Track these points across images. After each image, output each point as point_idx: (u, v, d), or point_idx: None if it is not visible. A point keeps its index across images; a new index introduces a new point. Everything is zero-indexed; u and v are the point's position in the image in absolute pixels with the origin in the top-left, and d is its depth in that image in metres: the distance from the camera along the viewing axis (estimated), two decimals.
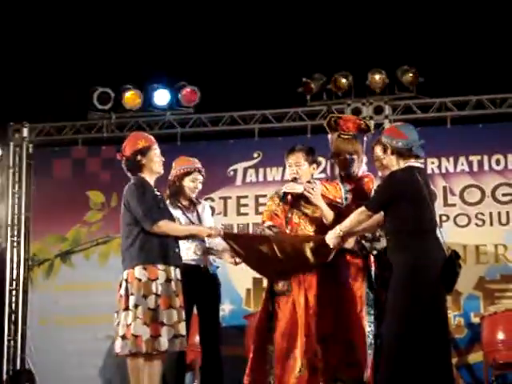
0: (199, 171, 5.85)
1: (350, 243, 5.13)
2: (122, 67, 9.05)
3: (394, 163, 4.84)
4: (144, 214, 4.94)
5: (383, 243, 5.10)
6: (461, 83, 8.63)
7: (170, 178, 5.84)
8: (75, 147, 9.32)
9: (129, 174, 5.14)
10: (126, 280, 4.94)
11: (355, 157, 5.33)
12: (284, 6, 9.20)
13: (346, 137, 5.34)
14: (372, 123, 5.37)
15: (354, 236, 5.12)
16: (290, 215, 5.29)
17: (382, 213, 4.85)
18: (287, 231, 5.28)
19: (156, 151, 5.14)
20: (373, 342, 5.12)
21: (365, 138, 5.41)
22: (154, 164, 5.11)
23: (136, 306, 4.85)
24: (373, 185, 5.33)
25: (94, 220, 9.06)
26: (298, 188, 5.22)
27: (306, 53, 8.96)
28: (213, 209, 7.67)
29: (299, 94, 8.86)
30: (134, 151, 5.08)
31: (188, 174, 5.81)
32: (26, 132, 9.41)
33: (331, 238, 4.99)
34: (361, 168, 5.41)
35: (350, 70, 8.73)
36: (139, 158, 5.08)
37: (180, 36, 9.33)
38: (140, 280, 4.89)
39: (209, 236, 5.31)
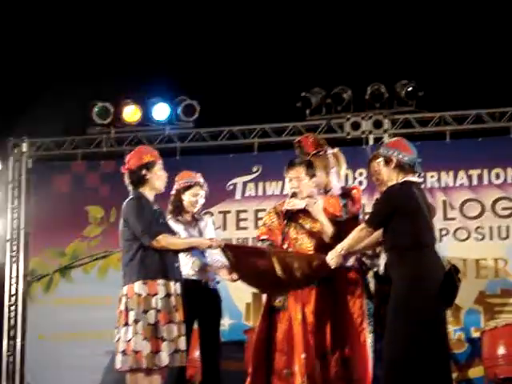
0: (200, 185, 5.83)
1: (351, 261, 5.11)
2: (122, 82, 9.07)
3: (393, 177, 4.83)
4: (143, 230, 4.93)
5: (383, 259, 5.09)
6: (460, 97, 8.65)
7: (171, 192, 5.82)
8: (74, 162, 9.32)
9: (129, 188, 5.13)
10: (126, 295, 4.93)
11: (322, 172, 5.32)
12: (283, 21, 9.22)
13: (318, 155, 5.36)
14: (371, 136, 5.37)
15: (356, 254, 5.10)
16: (286, 230, 5.26)
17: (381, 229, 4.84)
18: (284, 246, 5.26)
19: (160, 167, 5.14)
20: (372, 355, 5.11)
21: (329, 151, 5.40)
22: (158, 180, 5.11)
23: (136, 322, 4.84)
24: (359, 195, 5.33)
25: (93, 235, 9.05)
26: (299, 204, 5.20)
27: (305, 67, 8.98)
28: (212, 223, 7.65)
29: (298, 109, 8.87)
30: (139, 165, 5.07)
31: (189, 188, 5.80)
32: (25, 147, 9.42)
33: (332, 257, 4.97)
34: (333, 182, 5.38)
35: (349, 84, 8.75)
36: (144, 172, 5.07)
37: (179, 50, 9.34)
38: (140, 295, 4.88)
39: (209, 247, 5.27)
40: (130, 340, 4.83)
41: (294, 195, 5.24)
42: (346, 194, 5.34)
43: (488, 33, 8.75)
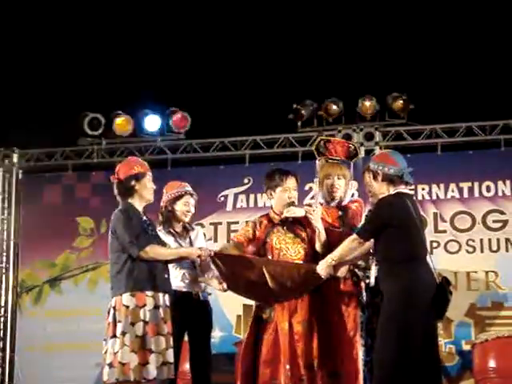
0: (191, 194, 5.83)
1: (343, 272, 5.09)
2: (113, 93, 9.06)
3: (384, 190, 4.83)
4: (130, 241, 4.90)
5: (374, 271, 5.07)
6: (451, 110, 8.68)
7: (161, 203, 5.81)
8: (65, 173, 9.30)
9: (118, 198, 5.11)
10: (114, 307, 4.90)
11: (343, 181, 5.31)
12: (275, 33, 9.25)
13: (335, 161, 5.33)
14: (362, 148, 5.39)
15: (346, 265, 5.08)
16: (268, 240, 5.24)
17: (372, 240, 4.83)
18: (269, 256, 5.22)
19: (150, 178, 5.13)
20: (363, 368, 5.09)
21: (351, 165, 5.40)
22: (147, 191, 5.09)
23: (123, 334, 4.81)
24: (362, 209, 5.31)
25: (83, 246, 9.02)
26: (298, 211, 5.19)
27: (296, 79, 8.99)
28: (203, 235, 7.63)
29: (290, 121, 8.88)
30: (128, 176, 5.06)
31: (180, 197, 5.78)
32: (15, 158, 9.39)
33: (323, 267, 4.96)
34: (348, 194, 5.39)
35: (341, 96, 8.77)
36: (133, 183, 5.06)
37: (171, 62, 9.35)
38: (128, 307, 4.85)
39: (199, 257, 5.25)
40: (117, 352, 4.80)
41: (292, 204, 5.21)
42: (344, 206, 5.32)
43: (479, 47, 8.79)
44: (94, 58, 9.23)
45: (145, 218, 5.08)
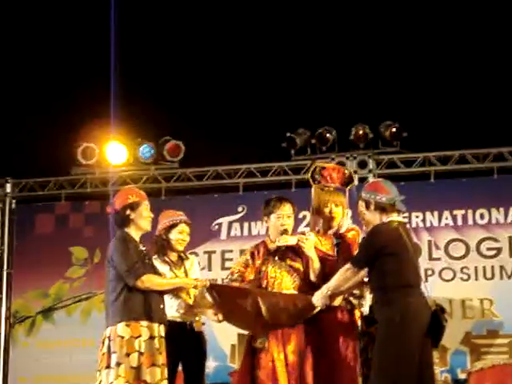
0: (186, 223, 5.81)
1: (338, 301, 5.06)
2: (106, 122, 9.06)
3: (376, 218, 4.82)
4: (127, 270, 4.88)
5: (369, 299, 5.05)
6: (444, 138, 8.71)
7: (156, 233, 5.79)
8: (58, 203, 9.28)
9: (116, 229, 5.09)
10: (109, 337, 4.85)
11: (341, 208, 5.29)
12: (268, 62, 9.29)
13: (330, 189, 5.31)
14: (356, 176, 5.38)
15: (342, 295, 5.05)
16: (264, 269, 5.21)
17: (366, 269, 4.81)
18: (263, 285, 5.20)
19: (146, 207, 5.11)
20: None
21: (347, 192, 5.38)
22: (143, 220, 5.07)
23: (118, 365, 4.76)
24: (359, 238, 5.28)
25: (76, 276, 8.98)
26: (291, 240, 5.16)
27: (289, 108, 9.03)
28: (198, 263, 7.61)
29: (283, 149, 8.90)
30: (124, 205, 5.04)
31: (174, 226, 5.76)
32: (9, 187, 9.37)
33: (318, 298, 4.93)
34: (345, 222, 5.37)
35: (334, 124, 8.80)
36: (128, 212, 5.03)
37: (164, 91, 9.38)
38: (123, 337, 4.80)
39: (195, 287, 5.23)
40: (111, 383, 4.75)
41: (285, 232, 5.19)
42: (341, 234, 5.30)
43: (472, 75, 8.84)
44: (87, 88, 9.23)
45: (141, 247, 5.07)
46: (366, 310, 5.10)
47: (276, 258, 5.19)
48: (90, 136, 9.12)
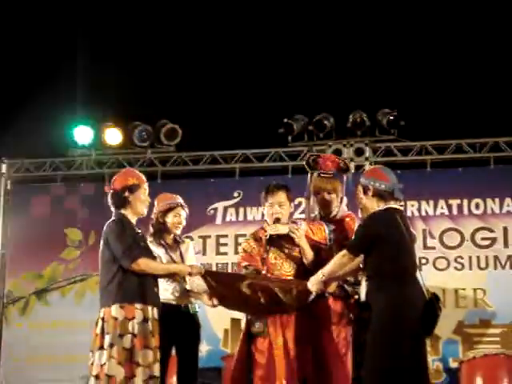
0: (182, 206, 5.81)
1: (333, 287, 5.07)
2: (104, 104, 9.05)
3: (374, 205, 4.82)
4: (123, 252, 4.88)
5: (364, 286, 5.05)
6: (441, 127, 8.71)
7: (152, 215, 5.78)
8: (54, 184, 9.26)
9: (112, 209, 5.09)
10: (103, 318, 4.86)
11: (334, 196, 5.29)
12: (266, 47, 9.26)
13: (326, 176, 5.31)
14: (352, 164, 5.38)
15: (337, 280, 5.06)
16: (265, 256, 5.21)
17: (362, 255, 4.82)
18: (263, 272, 5.21)
19: (144, 191, 5.10)
20: None
21: (344, 178, 5.38)
22: (140, 204, 5.06)
23: (111, 346, 4.76)
24: (355, 225, 5.28)
25: (70, 257, 8.98)
26: (282, 229, 5.16)
27: (287, 94, 9.01)
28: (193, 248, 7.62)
29: (280, 135, 8.88)
30: (123, 186, 5.03)
31: (171, 209, 5.77)
32: (4, 168, 9.35)
33: (314, 283, 4.93)
34: (340, 208, 5.37)
35: (332, 111, 8.79)
36: (127, 193, 5.03)
37: (161, 74, 9.35)
38: (116, 319, 4.81)
39: (189, 274, 5.23)
40: (103, 364, 4.75)
41: (276, 221, 5.19)
42: (337, 220, 5.30)
43: (470, 64, 8.84)
44: (85, 70, 9.21)
45: (137, 230, 5.06)
46: (361, 296, 5.11)
47: (273, 246, 5.19)
48: (87, 118, 9.10)
